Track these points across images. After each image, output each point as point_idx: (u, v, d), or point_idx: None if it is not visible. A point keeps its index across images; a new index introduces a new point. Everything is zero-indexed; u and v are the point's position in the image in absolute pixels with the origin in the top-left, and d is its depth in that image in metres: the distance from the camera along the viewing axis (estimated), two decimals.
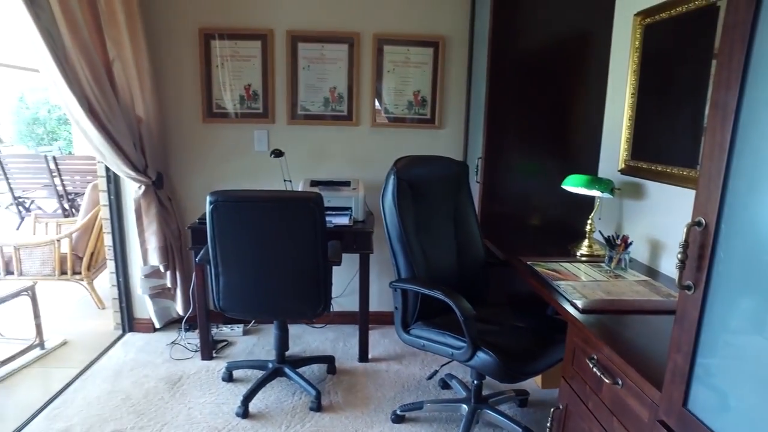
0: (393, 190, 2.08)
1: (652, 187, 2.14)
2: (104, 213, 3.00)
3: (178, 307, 3.08)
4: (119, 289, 3.09)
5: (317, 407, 2.33)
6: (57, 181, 5.82)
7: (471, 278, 2.30)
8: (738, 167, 0.91)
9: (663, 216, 2.06)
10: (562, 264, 2.05)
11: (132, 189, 2.82)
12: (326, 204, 2.53)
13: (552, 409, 1.69)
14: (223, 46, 2.84)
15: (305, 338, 3.08)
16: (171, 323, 3.19)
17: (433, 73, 2.96)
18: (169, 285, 3.02)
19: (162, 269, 2.94)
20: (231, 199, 2.01)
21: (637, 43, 2.24)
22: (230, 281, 2.14)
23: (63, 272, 3.52)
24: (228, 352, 2.89)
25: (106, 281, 3.78)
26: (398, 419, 2.26)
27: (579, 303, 1.62)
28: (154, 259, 2.87)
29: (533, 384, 2.62)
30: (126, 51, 2.47)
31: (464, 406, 2.19)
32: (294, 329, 3.13)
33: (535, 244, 2.43)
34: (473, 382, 2.17)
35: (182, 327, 3.06)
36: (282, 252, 2.12)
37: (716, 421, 0.94)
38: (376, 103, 2.99)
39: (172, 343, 2.97)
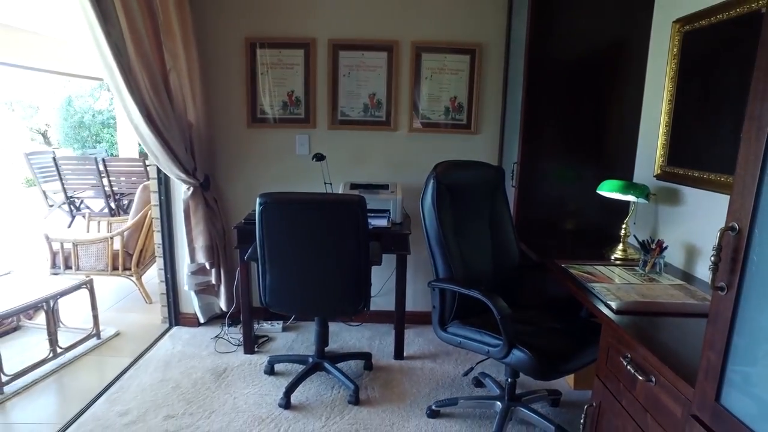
0: (432, 194, 2.17)
1: (688, 192, 2.16)
2: (155, 212, 3.18)
3: (222, 303, 3.24)
4: (167, 284, 3.27)
5: (355, 401, 2.43)
6: (105, 181, 6.12)
7: (506, 280, 2.37)
8: None
9: (699, 221, 2.08)
10: (596, 267, 2.10)
11: (181, 190, 2.99)
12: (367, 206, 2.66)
13: (585, 407, 1.75)
14: (268, 54, 2.99)
15: (342, 336, 3.19)
16: (214, 318, 3.35)
17: (469, 80, 3.04)
18: (213, 282, 3.18)
19: (208, 266, 3.10)
20: (280, 201, 2.14)
21: (675, 50, 2.27)
22: (276, 278, 2.27)
23: (114, 268, 3.73)
24: (269, 347, 3.03)
25: (153, 277, 4.01)
26: (433, 414, 2.34)
27: (613, 304, 1.68)
28: (201, 257, 3.03)
29: (565, 385, 2.66)
30: (180, 61, 2.64)
31: (498, 403, 2.26)
32: (332, 327, 3.25)
33: (569, 248, 2.47)
34: (507, 380, 2.23)
35: (225, 322, 3.22)
36: (326, 252, 2.23)
37: (748, 414, 1.00)
38: (414, 108, 3.08)
39: (216, 337, 3.12)
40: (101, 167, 6.06)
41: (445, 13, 2.97)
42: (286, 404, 2.39)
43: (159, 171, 3.03)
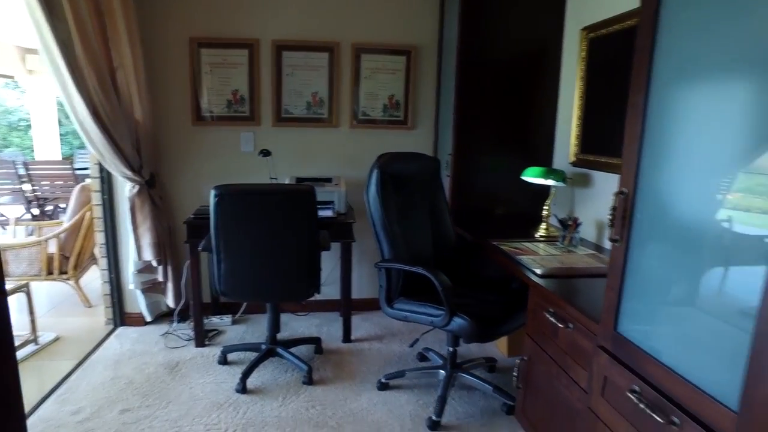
0: (377, 182, 2.36)
1: (597, 176, 2.50)
2: (96, 212, 3.15)
3: (169, 300, 3.26)
4: (111, 285, 3.24)
5: (309, 381, 2.57)
6: (26, 186, 5.80)
7: (445, 260, 2.61)
8: (646, 152, 1.24)
9: (607, 200, 2.41)
10: (524, 243, 2.38)
11: (124, 189, 2.99)
12: None
13: (517, 361, 2.01)
14: (213, 54, 3.06)
15: (292, 325, 3.31)
16: (161, 316, 3.36)
17: (405, 79, 3.27)
18: (160, 279, 3.19)
19: (155, 264, 3.11)
20: (235, 192, 2.25)
21: (583, 53, 2.61)
22: (232, 267, 2.37)
23: (50, 272, 3.62)
24: (219, 339, 3.09)
25: (91, 281, 3.92)
26: (383, 387, 2.54)
27: (538, 271, 1.95)
28: (148, 255, 3.04)
29: (499, 353, 2.95)
30: (127, 59, 2.67)
31: (441, 371, 2.49)
32: (281, 317, 3.35)
33: (501, 229, 2.75)
34: (449, 350, 2.47)
35: (174, 318, 3.25)
36: (279, 239, 2.36)
37: (636, 336, 1.27)
38: (354, 106, 3.27)
39: (165, 333, 3.14)
40: (22, 171, 5.75)
41: (383, 16, 3.18)
42: (243, 389, 2.49)
43: (101, 170, 3.02)
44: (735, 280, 1.04)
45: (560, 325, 1.68)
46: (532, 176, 2.54)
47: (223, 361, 2.77)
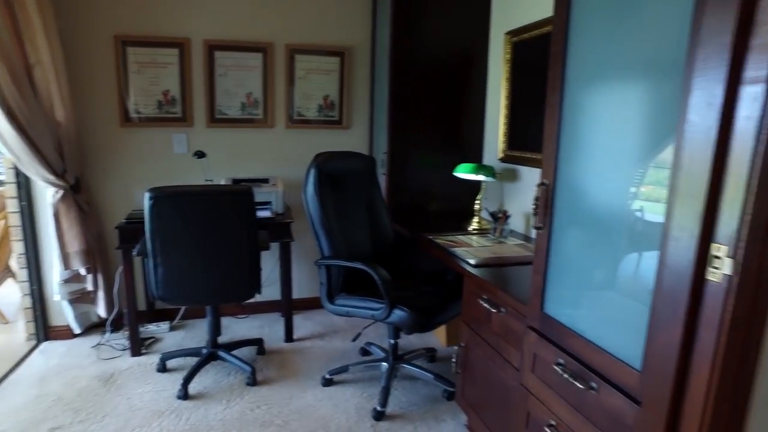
0: (314, 181, 2.40)
1: (524, 170, 2.67)
2: (13, 220, 2.96)
3: (100, 310, 3.12)
4: (33, 297, 3.05)
5: (253, 382, 2.56)
6: None
7: (383, 255, 2.68)
8: (563, 146, 1.37)
9: (533, 193, 2.59)
10: (457, 237, 2.50)
11: (45, 194, 2.83)
12: None
13: (456, 347, 2.11)
14: (140, 53, 2.96)
15: (232, 328, 3.27)
16: (91, 328, 3.20)
17: (340, 79, 3.31)
18: (90, 288, 3.05)
19: (84, 272, 2.97)
20: (171, 194, 2.21)
21: (508, 56, 2.77)
22: (169, 271, 2.32)
23: None
24: (157, 347, 3.00)
25: (5, 295, 3.66)
26: (327, 382, 2.58)
27: (472, 261, 2.06)
28: (76, 263, 2.90)
29: (439, 343, 3.07)
30: (44, 55, 2.53)
31: (384, 364, 2.56)
32: (221, 321, 3.30)
33: (436, 224, 2.86)
34: (390, 342, 2.54)
35: (107, 328, 3.11)
36: (219, 240, 2.34)
37: (560, 314, 1.40)
38: (290, 107, 3.27)
39: (97, 345, 3.01)
40: None
41: (316, 18, 3.21)
42: (185, 395, 2.44)
43: (18, 174, 2.84)
44: (643, 262, 1.18)
45: (493, 311, 1.80)
46: (463, 172, 2.67)
47: (162, 368, 2.70)
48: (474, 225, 2.70)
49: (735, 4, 0.76)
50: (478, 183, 2.79)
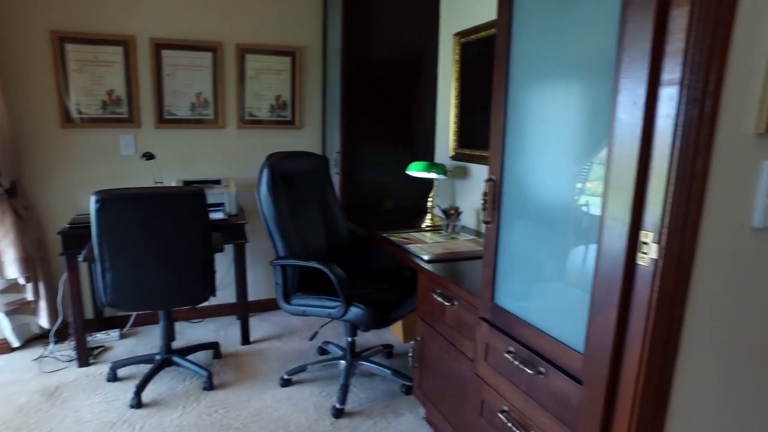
0: (268, 181, 2.39)
1: (474, 168, 2.75)
2: None
3: (42, 321, 2.98)
4: None
5: (210, 386, 2.52)
6: None
7: (339, 254, 2.70)
8: (509, 143, 1.44)
9: (483, 189, 2.68)
10: (411, 234, 2.56)
11: None
12: None
13: (412, 342, 2.16)
14: (81, 50, 2.85)
15: (187, 333, 3.20)
16: (32, 340, 3.06)
17: (292, 79, 3.30)
18: (30, 298, 2.91)
19: (23, 282, 2.83)
20: (119, 197, 2.14)
21: (457, 57, 2.85)
22: (119, 276, 2.25)
23: None
24: (106, 356, 2.90)
25: None
26: (286, 383, 2.57)
27: (425, 257, 2.12)
28: (13, 272, 2.76)
29: (396, 339, 3.12)
30: None
31: (342, 361, 2.58)
32: (175, 326, 3.22)
33: (390, 222, 2.91)
34: (347, 340, 2.57)
35: (51, 339, 2.97)
36: (170, 243, 2.29)
37: (510, 304, 1.46)
38: (241, 107, 3.23)
39: (40, 357, 2.87)
40: None
41: (267, 18, 3.19)
42: (138, 404, 2.37)
43: None
44: (585, 253, 1.26)
45: (447, 304, 1.86)
46: (415, 170, 2.72)
47: (113, 378, 2.61)
48: (427, 222, 2.76)
49: (651, 13, 0.84)
50: (430, 181, 2.86)
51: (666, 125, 0.85)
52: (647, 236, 0.89)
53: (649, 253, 0.88)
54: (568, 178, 1.24)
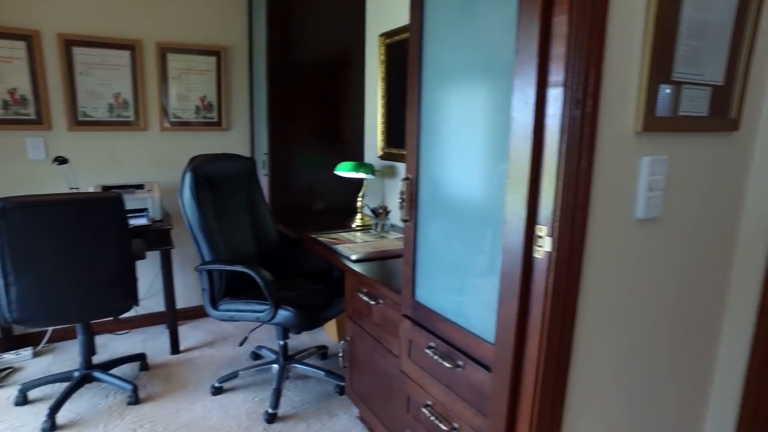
0: (191, 185, 2.32)
1: (401, 167, 2.79)
2: None
3: None
4: None
5: (135, 401, 2.41)
6: None
7: (269, 257, 2.67)
8: (423, 142, 1.48)
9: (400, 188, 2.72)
10: (340, 234, 2.56)
11: None
12: None
13: (342, 342, 2.17)
14: None
15: (111, 346, 3.04)
16: None
17: (217, 80, 3.21)
18: None
19: None
20: (24, 205, 1.99)
21: (383, 57, 2.88)
22: (26, 290, 2.10)
23: None
24: (15, 378, 2.69)
25: None
26: (217, 391, 2.50)
27: (353, 256, 2.13)
28: None
29: (330, 340, 3.11)
30: None
31: (275, 365, 2.55)
32: (99, 339, 3.05)
33: (321, 222, 2.90)
34: (280, 343, 2.54)
35: None
36: (84, 253, 2.16)
37: (429, 301, 1.50)
38: (164, 108, 3.11)
39: None
40: None
41: (189, 16, 3.08)
42: (52, 426, 2.23)
43: None
44: (494, 247, 1.31)
45: (372, 303, 1.88)
46: (344, 171, 2.73)
47: (23, 401, 2.42)
48: (357, 222, 2.77)
49: (537, 19, 0.89)
50: (360, 180, 2.87)
51: (553, 124, 0.90)
52: (541, 230, 0.94)
53: (544, 246, 0.93)
54: (478, 176, 1.28)
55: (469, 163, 1.32)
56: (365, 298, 1.91)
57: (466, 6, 1.27)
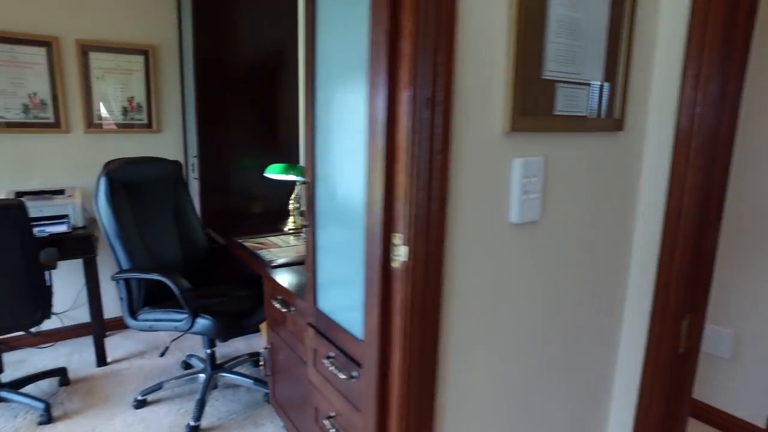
0: (106, 191, 2.21)
1: None
2: None
3: None
4: None
5: (47, 420, 2.28)
6: None
7: (197, 264, 2.57)
8: (318, 145, 1.42)
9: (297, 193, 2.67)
10: (269, 238, 2.48)
11: None
12: (39, 214, 2.52)
13: (261, 351, 2.10)
14: None
15: (31, 360, 2.88)
16: None
17: (146, 80, 3.09)
18: None
19: None
20: None
21: None
22: None
23: None
24: None
25: None
26: (140, 404, 2.40)
27: (272, 262, 2.06)
28: None
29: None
30: None
31: (201, 375, 2.46)
32: (17, 354, 2.91)
33: (256, 227, 2.81)
34: (207, 352, 2.45)
35: None
36: None
37: (329, 309, 1.45)
38: (88, 109, 2.96)
39: None
40: None
41: (112, 12, 2.94)
42: None
43: None
44: None
45: (284, 310, 1.81)
46: (273, 173, 2.65)
47: None
48: (290, 225, 2.70)
49: (386, 14, 0.84)
50: (293, 183, 2.80)
51: (405, 125, 0.85)
52: (397, 238, 0.89)
53: (401, 256, 0.89)
54: (359, 180, 1.23)
55: (352, 166, 1.27)
56: (278, 306, 1.85)
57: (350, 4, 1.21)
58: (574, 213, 1.15)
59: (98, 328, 2.79)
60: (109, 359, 2.86)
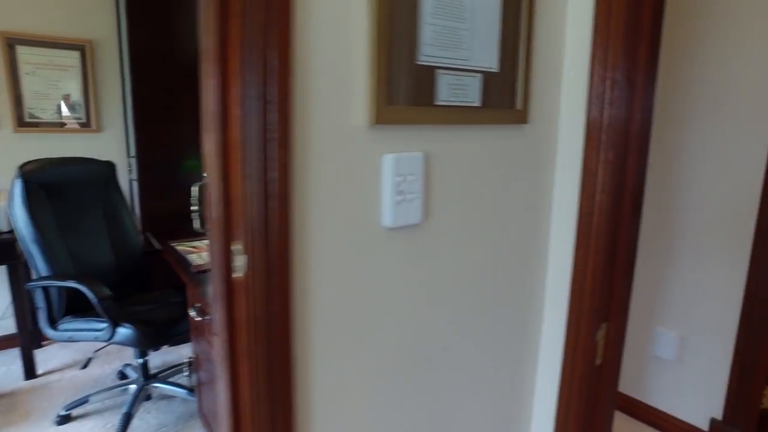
0: (21, 194, 2.08)
1: None
2: None
3: None
4: None
5: None
6: None
7: (131, 269, 2.44)
8: None
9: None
10: (204, 241, 2.36)
11: None
12: None
13: (185, 361, 1.98)
14: None
15: None
16: None
17: (83, 77, 2.94)
18: None
19: None
20: None
21: None
22: None
23: None
24: None
25: None
26: (63, 420, 2.26)
27: (193, 267, 1.93)
28: None
29: None
30: None
31: (132, 386, 2.33)
32: None
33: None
34: (138, 361, 2.32)
35: None
36: None
37: None
38: (18, 107, 2.81)
39: None
40: None
41: (44, 5, 2.80)
42: None
43: None
44: None
45: (199, 319, 1.70)
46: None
47: None
48: None
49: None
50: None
51: (236, 118, 0.74)
52: (236, 247, 0.78)
53: (241, 266, 0.78)
54: None
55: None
56: (194, 314, 1.73)
57: None
58: (472, 214, 1.05)
59: (25, 339, 2.64)
60: (40, 371, 2.71)
